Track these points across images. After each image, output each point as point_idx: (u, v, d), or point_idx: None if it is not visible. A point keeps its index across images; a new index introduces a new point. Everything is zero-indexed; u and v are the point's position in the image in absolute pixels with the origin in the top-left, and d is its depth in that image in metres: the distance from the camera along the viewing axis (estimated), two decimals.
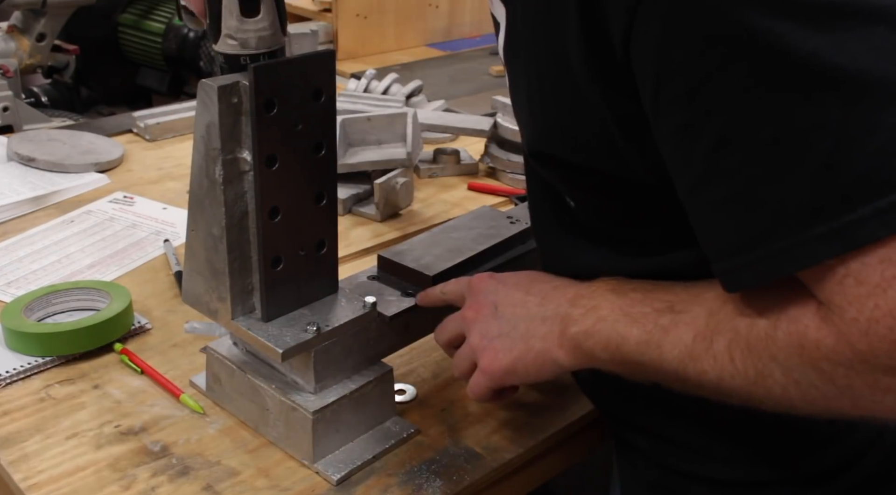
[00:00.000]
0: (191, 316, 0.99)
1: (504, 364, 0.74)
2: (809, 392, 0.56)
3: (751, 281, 0.56)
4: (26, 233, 1.24)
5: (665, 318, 0.65)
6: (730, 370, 0.60)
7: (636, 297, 0.68)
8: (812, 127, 0.51)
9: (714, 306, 0.62)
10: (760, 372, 0.58)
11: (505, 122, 1.44)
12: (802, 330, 0.55)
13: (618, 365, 0.69)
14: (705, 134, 0.55)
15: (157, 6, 1.87)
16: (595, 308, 0.69)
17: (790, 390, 0.57)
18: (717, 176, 0.55)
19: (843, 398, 0.55)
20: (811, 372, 0.55)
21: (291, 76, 0.75)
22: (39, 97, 1.80)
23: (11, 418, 0.87)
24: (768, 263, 0.54)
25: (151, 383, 0.93)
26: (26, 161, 1.43)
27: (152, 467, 0.81)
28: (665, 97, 0.56)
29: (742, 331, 0.59)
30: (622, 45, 0.57)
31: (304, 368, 0.82)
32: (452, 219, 1.03)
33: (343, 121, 1.34)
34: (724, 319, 0.61)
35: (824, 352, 0.54)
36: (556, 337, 0.71)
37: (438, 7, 2.35)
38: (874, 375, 0.52)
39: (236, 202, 0.77)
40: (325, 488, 0.80)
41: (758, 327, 0.58)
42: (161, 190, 1.39)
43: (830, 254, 0.52)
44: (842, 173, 0.51)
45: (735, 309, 0.60)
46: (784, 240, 0.53)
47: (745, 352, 0.59)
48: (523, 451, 0.86)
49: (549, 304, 0.73)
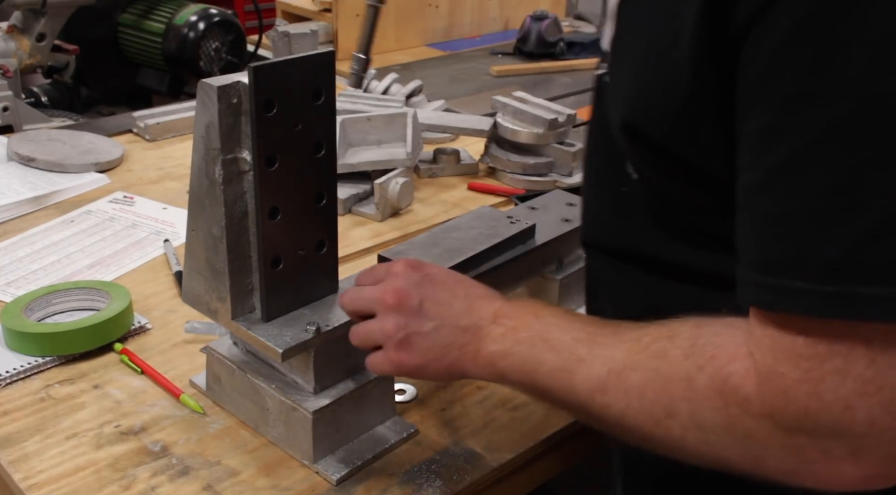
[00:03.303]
0: (191, 316, 0.99)
1: (416, 362, 0.74)
2: (707, 437, 0.58)
3: (776, 304, 0.55)
4: (26, 233, 1.24)
5: (583, 349, 0.66)
6: (636, 406, 0.61)
7: (557, 324, 0.69)
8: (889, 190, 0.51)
9: (634, 346, 0.63)
10: (668, 410, 0.59)
11: (505, 121, 1.44)
12: (726, 375, 0.56)
13: (527, 388, 0.70)
14: (787, 146, 0.53)
15: (157, 6, 1.87)
16: (515, 329, 0.70)
17: (689, 433, 0.59)
18: (784, 191, 0.54)
19: (737, 447, 0.57)
20: (718, 415, 0.57)
21: (291, 76, 0.75)
22: (39, 97, 1.80)
23: (11, 418, 0.87)
24: (802, 299, 0.53)
25: (151, 383, 0.93)
26: (26, 161, 1.43)
27: (152, 467, 0.81)
28: (764, 92, 0.54)
29: (663, 370, 0.60)
30: (744, 25, 0.55)
31: (304, 368, 0.82)
32: (452, 219, 1.03)
33: (343, 121, 1.34)
34: (646, 358, 0.62)
35: (740, 397, 0.55)
36: (472, 351, 0.72)
37: (438, 7, 2.35)
38: (783, 432, 0.54)
39: (236, 202, 0.77)
40: (325, 488, 0.80)
41: (681, 368, 0.59)
42: (161, 190, 1.39)
43: (864, 316, 0.52)
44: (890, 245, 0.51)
45: (659, 350, 0.61)
46: (831, 284, 0.52)
47: (659, 391, 0.60)
48: (523, 451, 0.86)
49: (473, 315, 0.74)
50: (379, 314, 0.77)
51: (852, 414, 0.52)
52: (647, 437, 0.62)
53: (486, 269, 0.94)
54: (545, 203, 1.09)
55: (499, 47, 2.30)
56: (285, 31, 1.96)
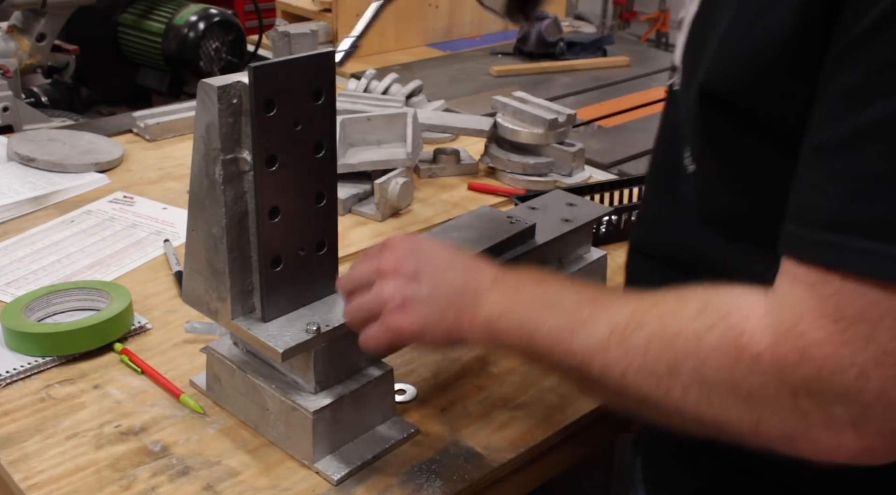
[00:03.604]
0: (191, 316, 0.99)
1: (414, 327, 0.73)
2: (709, 396, 0.57)
3: (822, 258, 0.54)
4: (26, 233, 1.24)
5: (586, 310, 0.64)
6: (638, 364, 0.60)
7: (560, 287, 0.67)
8: None
9: (640, 306, 0.62)
10: (671, 367, 0.58)
11: (505, 121, 1.44)
12: (738, 333, 0.56)
13: (525, 352, 0.69)
14: (882, 107, 0.53)
15: (157, 6, 1.87)
16: (514, 291, 0.69)
17: (691, 392, 0.57)
18: (872, 152, 0.53)
19: (738, 407, 0.56)
20: (724, 374, 0.56)
21: (291, 76, 0.75)
22: (39, 97, 1.80)
23: (11, 418, 0.87)
24: (868, 259, 0.53)
25: (151, 383, 0.93)
26: (26, 161, 1.43)
27: (152, 467, 0.81)
28: (863, 51, 0.54)
29: (670, 328, 0.59)
30: None
31: (304, 368, 0.82)
32: (452, 219, 1.03)
33: (343, 121, 1.34)
34: (653, 317, 0.61)
35: (750, 354, 0.55)
36: (469, 315, 0.71)
37: (438, 7, 2.35)
38: (788, 392, 0.53)
39: (236, 202, 0.77)
40: (325, 488, 0.80)
41: (690, 326, 0.58)
42: (161, 190, 1.39)
43: None
44: None
45: (668, 309, 0.60)
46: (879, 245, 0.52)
47: (664, 348, 0.59)
48: (523, 451, 0.86)
49: (471, 279, 0.73)
50: (375, 284, 0.76)
51: (865, 382, 0.51)
52: (645, 398, 0.60)
53: None
54: (545, 203, 1.09)
55: (499, 47, 2.30)
56: (285, 31, 1.96)
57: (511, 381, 0.96)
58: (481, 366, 0.98)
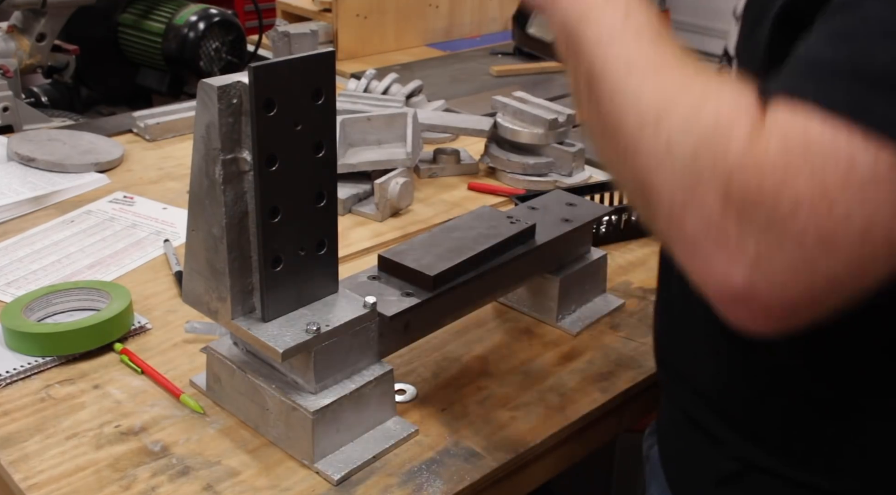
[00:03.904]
0: (191, 316, 0.99)
1: None
2: (666, 161, 0.56)
3: (811, 94, 0.53)
4: (26, 233, 1.24)
5: (631, 29, 0.64)
6: (635, 85, 0.59)
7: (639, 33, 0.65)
8: None
9: (673, 55, 0.61)
10: (659, 113, 0.57)
11: (505, 121, 1.44)
12: (731, 121, 0.54)
13: (558, 30, 0.68)
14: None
15: (157, 6, 1.87)
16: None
17: (655, 143, 0.56)
18: (863, 11, 0.53)
19: (674, 184, 0.55)
20: (694, 144, 0.55)
21: (291, 76, 0.75)
22: (39, 97, 1.80)
23: (11, 418, 0.87)
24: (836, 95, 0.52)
25: (151, 383, 0.93)
26: (26, 161, 1.43)
27: (152, 467, 0.81)
28: None
29: (685, 82, 0.58)
30: None
31: (304, 368, 0.82)
32: (452, 219, 1.03)
33: (343, 121, 1.34)
34: (674, 68, 0.60)
35: (722, 146, 0.53)
36: None
37: (438, 7, 2.35)
38: (722, 200, 0.52)
39: (236, 202, 0.77)
40: (325, 488, 0.80)
41: (699, 91, 0.57)
42: (161, 190, 1.39)
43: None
44: None
45: (695, 70, 0.59)
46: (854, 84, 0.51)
47: (665, 88, 0.58)
48: (523, 451, 0.86)
49: None
50: None
51: (795, 212, 0.50)
52: (615, 126, 0.60)
53: (486, 269, 0.94)
54: (545, 203, 1.09)
55: (499, 47, 2.30)
56: (285, 31, 1.96)
57: (511, 381, 0.96)
58: (481, 366, 0.98)
